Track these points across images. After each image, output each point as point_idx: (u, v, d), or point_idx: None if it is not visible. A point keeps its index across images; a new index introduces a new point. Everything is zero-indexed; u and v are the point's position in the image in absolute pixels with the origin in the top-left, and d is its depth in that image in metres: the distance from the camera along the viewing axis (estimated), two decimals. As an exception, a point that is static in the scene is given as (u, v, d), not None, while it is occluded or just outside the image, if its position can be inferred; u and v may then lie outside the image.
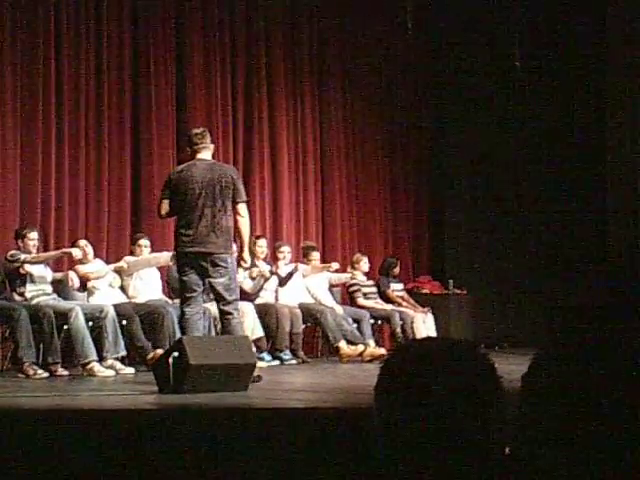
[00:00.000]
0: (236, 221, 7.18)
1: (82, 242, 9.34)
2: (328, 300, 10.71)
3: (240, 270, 10.09)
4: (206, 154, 7.34)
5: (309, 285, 10.68)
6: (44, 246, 9.67)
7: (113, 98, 10.60)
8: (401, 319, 10.92)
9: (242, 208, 7.21)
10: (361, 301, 11.10)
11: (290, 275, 10.26)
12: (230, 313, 7.16)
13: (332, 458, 4.53)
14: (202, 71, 11.28)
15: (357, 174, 12.70)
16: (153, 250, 9.68)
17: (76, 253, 8.79)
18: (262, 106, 11.82)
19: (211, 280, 7.13)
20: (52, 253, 9.19)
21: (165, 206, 7.29)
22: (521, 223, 12.89)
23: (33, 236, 8.79)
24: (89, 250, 9.31)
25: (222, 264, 7.10)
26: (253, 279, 10.06)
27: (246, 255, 7.43)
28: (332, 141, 12.48)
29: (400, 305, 11.31)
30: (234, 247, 7.37)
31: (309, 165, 12.25)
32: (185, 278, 7.27)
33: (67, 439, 4.66)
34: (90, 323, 8.49)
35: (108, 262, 9.58)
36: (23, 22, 9.98)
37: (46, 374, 8.02)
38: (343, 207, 12.46)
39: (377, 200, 12.84)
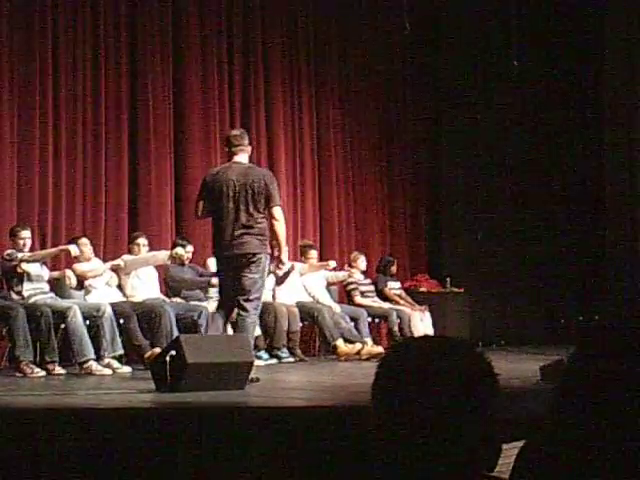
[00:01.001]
0: (272, 224, 7.21)
1: (83, 240, 9.32)
2: (325, 298, 10.71)
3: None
4: (242, 157, 7.37)
5: (306, 284, 10.69)
6: (41, 245, 9.67)
7: (110, 96, 10.60)
8: (398, 317, 10.92)
9: (276, 211, 7.21)
10: (358, 299, 11.10)
11: (287, 274, 10.25)
12: (247, 310, 7.19)
13: (329, 456, 4.54)
14: (199, 71, 11.28)
15: (354, 173, 12.70)
16: (151, 249, 9.67)
17: (74, 250, 8.78)
18: (259, 104, 11.83)
19: (241, 274, 7.18)
20: (49, 250, 9.19)
21: (201, 206, 7.36)
22: (518, 221, 12.91)
23: (25, 234, 8.76)
24: (89, 249, 9.30)
25: (255, 263, 7.16)
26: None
27: (284, 257, 7.47)
28: (329, 140, 12.49)
29: (397, 303, 11.32)
30: (268, 249, 7.34)
31: (306, 164, 12.25)
32: (221, 281, 7.44)
33: (64, 437, 4.66)
34: (87, 322, 8.48)
35: (106, 261, 9.58)
36: (20, 21, 9.98)
37: (43, 373, 8.01)
38: (340, 206, 12.47)
39: (374, 198, 12.84)
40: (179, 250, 9.53)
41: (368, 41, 12.82)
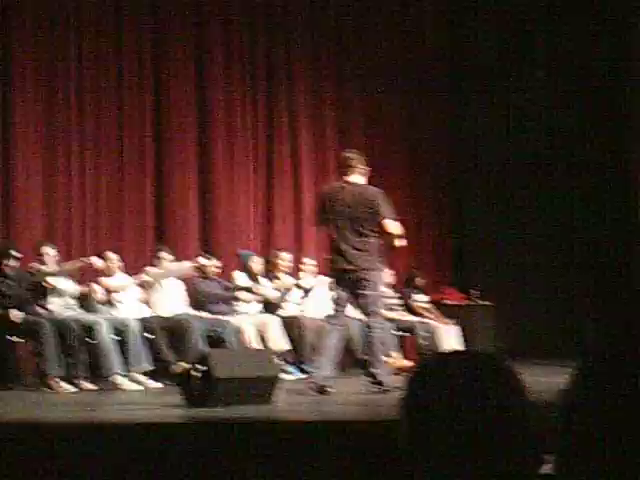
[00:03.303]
0: (385, 237, 7.38)
1: (109, 255, 9.35)
2: (353, 312, 10.68)
3: (264, 281, 10.12)
4: (355, 177, 7.54)
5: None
6: (67, 260, 9.71)
7: (134, 109, 10.67)
8: (426, 331, 10.88)
9: (388, 224, 7.40)
10: (385, 313, 11.06)
11: (313, 289, 10.26)
12: (370, 327, 7.46)
13: (356, 471, 4.52)
14: (223, 80, 11.32)
15: (379, 186, 12.65)
16: (175, 262, 9.68)
17: (96, 262, 8.82)
18: (283, 118, 11.83)
19: (357, 293, 7.38)
20: (73, 263, 9.22)
21: (317, 218, 7.67)
22: (546, 233, 12.83)
23: (47, 250, 8.83)
24: (115, 264, 9.33)
25: (367, 279, 7.31)
26: (278, 291, 10.10)
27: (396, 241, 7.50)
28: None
29: (424, 316, 11.27)
30: (382, 265, 7.53)
31: (330, 177, 12.23)
32: (335, 294, 7.63)
33: (93, 453, 4.67)
34: (115, 336, 8.51)
35: (130, 274, 9.61)
36: (45, 33, 10.06)
37: (72, 388, 8.04)
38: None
39: (399, 211, 12.76)
40: (202, 260, 9.55)
41: (391, 46, 12.79)
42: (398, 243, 7.50)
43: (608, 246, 12.55)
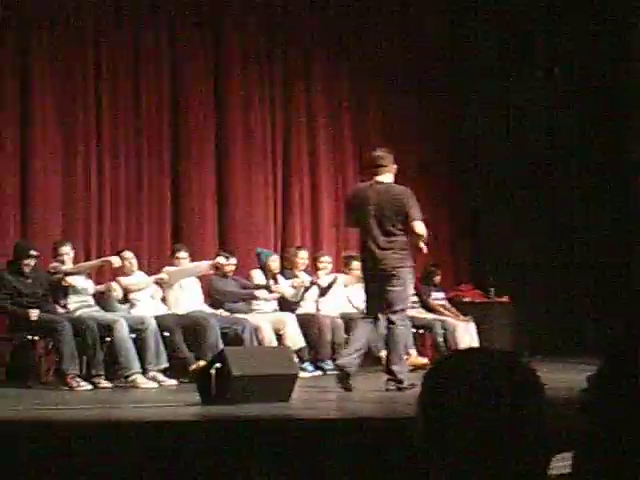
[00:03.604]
0: (412, 239, 7.45)
1: (128, 254, 9.38)
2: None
3: (282, 279, 10.14)
4: (384, 176, 7.61)
5: (350, 295, 10.67)
6: (86, 259, 9.74)
7: (153, 110, 10.68)
8: (443, 328, 10.86)
9: (415, 226, 7.41)
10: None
11: (330, 286, 10.26)
12: (394, 322, 7.46)
13: (372, 469, 4.52)
14: (240, 80, 11.32)
15: (396, 182, 12.64)
16: (192, 261, 9.70)
17: (115, 261, 8.85)
18: (301, 116, 11.83)
19: (385, 289, 7.44)
20: (92, 262, 9.27)
21: (346, 217, 8.00)
22: (564, 230, 12.79)
23: (65, 250, 8.87)
24: (134, 262, 9.36)
25: (395, 276, 7.39)
26: (294, 288, 10.11)
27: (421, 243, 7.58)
28: (370, 152, 12.45)
29: (442, 314, 11.26)
30: (409, 263, 7.55)
31: (348, 175, 12.24)
32: (366, 292, 7.79)
33: (110, 451, 4.68)
34: (132, 335, 8.53)
35: (148, 273, 9.63)
36: (63, 33, 10.09)
37: (89, 386, 8.06)
38: (383, 216, 12.42)
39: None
40: (221, 259, 9.57)
41: (407, 59, 12.80)
42: (422, 246, 7.54)
43: (613, 246, 12.51)
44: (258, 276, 10.08)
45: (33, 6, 9.97)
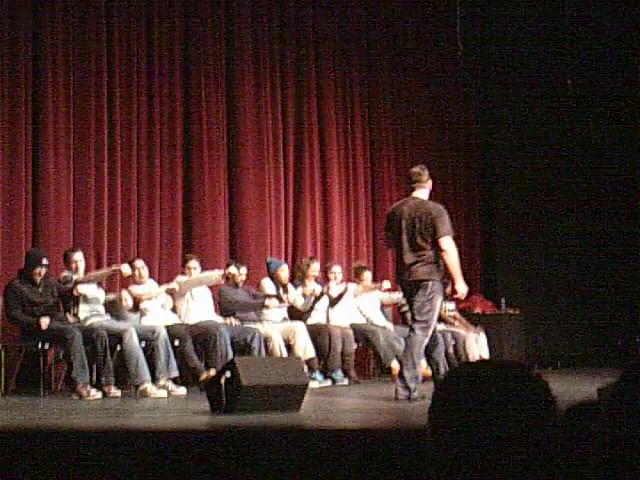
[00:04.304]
0: (441, 256, 7.60)
1: (139, 263, 9.41)
2: (380, 320, 10.68)
3: (291, 287, 10.15)
4: (420, 192, 7.86)
5: (360, 305, 10.67)
6: (97, 268, 9.75)
7: (165, 120, 10.70)
8: (453, 339, 10.85)
9: (443, 242, 7.57)
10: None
11: (340, 296, 10.26)
12: (414, 330, 7.61)
13: (385, 479, 4.51)
14: (253, 94, 11.36)
15: (408, 194, 12.65)
16: (203, 270, 9.71)
17: (125, 270, 8.86)
18: (312, 127, 11.86)
19: (412, 299, 7.66)
20: (103, 271, 9.28)
21: (385, 237, 8.04)
22: (575, 241, 12.78)
23: (76, 257, 8.88)
24: (144, 271, 9.38)
25: (423, 288, 7.59)
26: (305, 297, 10.13)
27: (459, 287, 7.76)
28: (383, 163, 12.49)
29: (452, 325, 11.25)
30: (439, 276, 7.68)
31: (359, 186, 12.25)
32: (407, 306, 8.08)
33: (120, 460, 4.68)
34: (143, 344, 8.54)
35: (160, 283, 9.64)
36: (76, 44, 10.10)
37: (100, 395, 8.07)
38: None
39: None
40: (232, 269, 9.58)
41: (421, 62, 12.82)
42: (449, 260, 7.62)
43: (625, 258, 12.50)
44: (268, 285, 10.09)
45: None
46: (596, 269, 12.66)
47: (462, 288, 7.79)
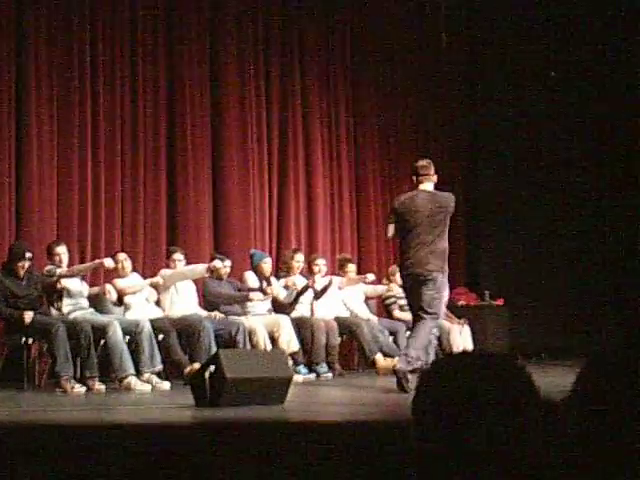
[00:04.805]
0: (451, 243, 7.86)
1: (121, 256, 9.39)
2: (364, 312, 10.69)
3: (274, 280, 10.15)
4: (428, 185, 7.96)
5: (345, 297, 10.67)
6: (81, 261, 9.73)
7: (149, 115, 10.67)
8: (437, 330, 10.85)
9: None
10: (397, 313, 11.06)
11: (324, 289, 10.26)
12: (422, 317, 7.73)
13: (369, 472, 4.52)
14: (237, 89, 11.33)
15: (392, 186, 12.67)
16: (189, 264, 9.70)
17: (108, 263, 8.83)
18: (296, 120, 11.84)
19: (421, 291, 7.73)
20: (86, 265, 9.26)
21: (391, 229, 8.02)
22: (558, 234, 12.81)
23: (60, 250, 8.85)
24: (127, 264, 9.36)
25: (433, 280, 7.71)
26: (287, 288, 10.12)
27: None
28: (367, 154, 12.48)
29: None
30: (445, 268, 7.85)
31: (344, 178, 12.25)
32: (409, 299, 8.01)
33: (104, 454, 4.67)
34: (127, 337, 8.52)
35: (144, 276, 9.62)
36: (58, 44, 10.08)
37: (83, 389, 8.05)
38: (378, 219, 12.43)
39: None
40: (217, 263, 9.57)
41: (405, 59, 12.82)
42: None
43: (610, 249, 12.54)
44: (251, 278, 10.08)
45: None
46: (580, 260, 12.69)
47: None
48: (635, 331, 11.24)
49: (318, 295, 10.26)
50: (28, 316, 8.26)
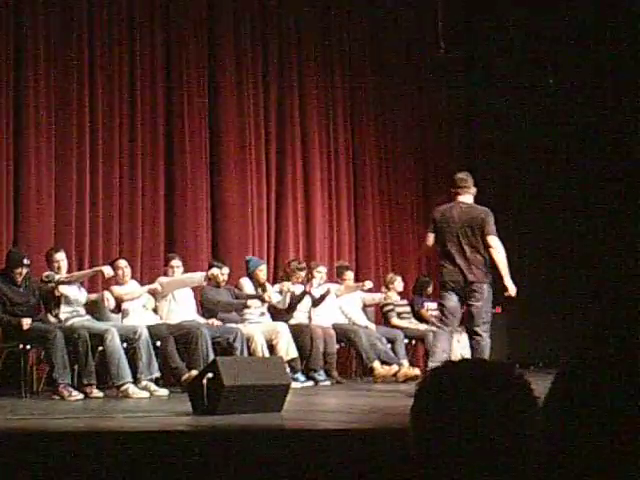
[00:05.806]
0: (489, 253, 7.92)
1: (122, 262, 9.38)
2: (362, 320, 10.68)
3: (269, 286, 10.15)
4: (466, 197, 8.11)
5: (343, 305, 10.67)
6: (79, 268, 9.73)
7: (146, 121, 10.68)
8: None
9: (492, 240, 7.92)
10: (395, 321, 11.06)
11: (323, 297, 10.26)
12: (479, 335, 7.92)
13: (367, 479, 4.51)
14: (235, 97, 11.35)
15: (390, 195, 12.69)
16: (187, 271, 9.70)
17: (107, 271, 8.83)
18: (295, 127, 11.86)
19: (468, 303, 7.95)
20: (85, 271, 9.26)
21: (430, 239, 8.16)
22: (555, 242, 12.81)
23: (58, 257, 8.84)
24: (128, 271, 9.35)
25: (478, 291, 7.88)
26: (281, 293, 10.11)
27: (509, 284, 8.04)
28: (365, 163, 12.50)
29: (434, 325, 11.25)
30: (489, 279, 8.00)
31: (342, 186, 12.26)
32: (444, 303, 8.05)
33: (102, 461, 4.66)
34: (124, 344, 8.51)
35: (142, 283, 9.61)
36: (57, 45, 10.08)
37: (81, 396, 8.04)
38: (376, 227, 12.45)
39: (410, 220, 12.82)
40: (215, 271, 9.57)
41: (403, 67, 12.84)
42: (497, 257, 7.92)
43: (608, 256, 12.53)
44: (247, 284, 10.07)
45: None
46: (578, 268, 12.68)
47: (511, 286, 8.06)
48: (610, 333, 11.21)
49: (316, 303, 10.26)
50: (26, 323, 8.24)
